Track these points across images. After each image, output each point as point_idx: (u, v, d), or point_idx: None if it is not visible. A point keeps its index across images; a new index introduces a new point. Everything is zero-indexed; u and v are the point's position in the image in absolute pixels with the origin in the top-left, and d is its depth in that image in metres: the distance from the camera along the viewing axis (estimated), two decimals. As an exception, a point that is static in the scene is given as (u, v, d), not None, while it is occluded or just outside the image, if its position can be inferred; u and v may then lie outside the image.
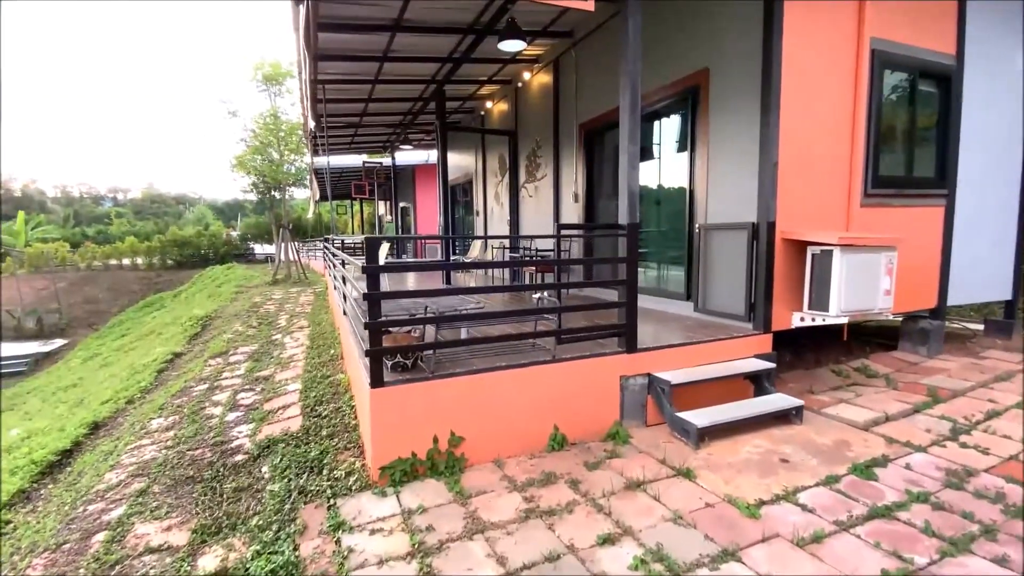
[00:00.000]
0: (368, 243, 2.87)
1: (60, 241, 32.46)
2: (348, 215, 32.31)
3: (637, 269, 3.69)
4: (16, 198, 56.83)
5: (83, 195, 75.94)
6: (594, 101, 6.75)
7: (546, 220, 8.09)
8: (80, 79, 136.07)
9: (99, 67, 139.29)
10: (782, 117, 4.22)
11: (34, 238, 30.83)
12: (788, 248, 4.42)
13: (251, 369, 6.06)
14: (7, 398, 12.44)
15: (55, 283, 25.21)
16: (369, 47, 6.97)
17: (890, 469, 3.25)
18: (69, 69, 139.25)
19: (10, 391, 13.74)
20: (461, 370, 3.26)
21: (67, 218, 49.03)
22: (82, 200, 72.92)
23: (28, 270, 26.79)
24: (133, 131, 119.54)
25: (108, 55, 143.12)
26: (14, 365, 18.48)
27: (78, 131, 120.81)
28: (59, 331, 22.54)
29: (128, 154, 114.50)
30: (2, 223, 29.57)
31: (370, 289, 2.91)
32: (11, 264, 26.25)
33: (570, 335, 3.69)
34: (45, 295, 24.85)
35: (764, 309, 4.37)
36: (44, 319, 22.74)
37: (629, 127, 3.56)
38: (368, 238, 2.88)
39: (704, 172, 5.01)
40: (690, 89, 5.22)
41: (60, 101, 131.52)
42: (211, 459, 3.78)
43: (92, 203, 72.78)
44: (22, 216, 30.73)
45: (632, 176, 3.60)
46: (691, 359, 4.05)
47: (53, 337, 21.98)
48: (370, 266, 2.88)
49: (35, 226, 32.18)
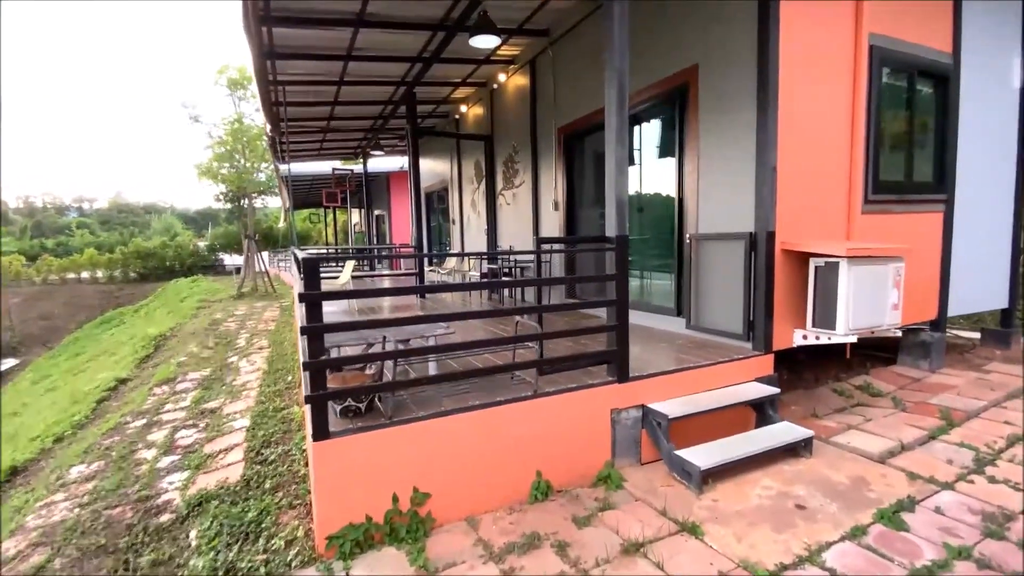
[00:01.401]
0: (306, 265, 2.35)
1: (15, 254, 30.80)
2: (323, 224, 31.39)
3: (628, 287, 3.24)
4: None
5: (46, 205, 73.00)
6: (574, 104, 6.34)
7: (525, 228, 7.64)
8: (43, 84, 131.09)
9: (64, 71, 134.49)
10: (780, 117, 3.84)
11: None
12: (788, 260, 4.04)
13: (198, 400, 5.42)
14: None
15: (7, 299, 23.74)
16: (331, 44, 6.45)
17: (919, 514, 2.85)
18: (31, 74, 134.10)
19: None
20: (426, 413, 2.75)
21: (24, 229, 46.78)
22: (45, 210, 70.07)
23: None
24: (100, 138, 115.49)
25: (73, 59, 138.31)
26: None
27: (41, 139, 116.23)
28: (11, 350, 21.16)
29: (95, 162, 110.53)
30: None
31: (309, 321, 2.39)
32: (-42, 279, 24.72)
33: (554, 365, 3.21)
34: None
35: (765, 327, 3.97)
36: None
37: (617, 127, 3.13)
38: (305, 258, 2.37)
39: (694, 178, 4.61)
40: (677, 89, 4.84)
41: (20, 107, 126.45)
42: (131, 520, 3.18)
43: (56, 214, 69.99)
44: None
45: (620, 183, 3.17)
46: (688, 386, 3.61)
47: (4, 356, 20.61)
48: (308, 293, 2.36)
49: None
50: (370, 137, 12.08)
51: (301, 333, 2.38)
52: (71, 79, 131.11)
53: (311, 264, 2.37)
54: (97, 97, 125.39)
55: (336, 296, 2.57)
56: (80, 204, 77.60)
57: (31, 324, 23.21)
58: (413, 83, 7.77)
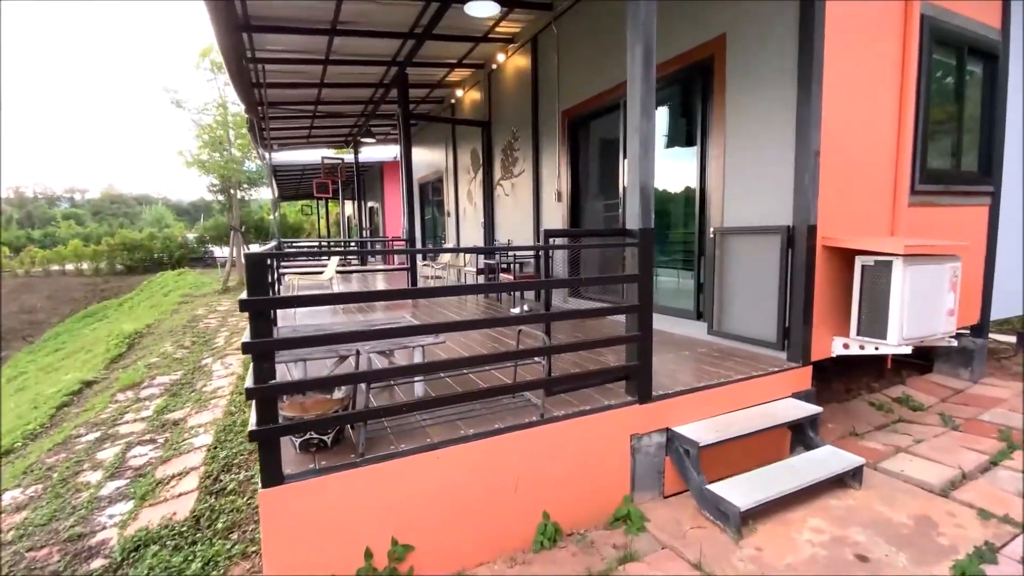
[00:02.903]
0: (250, 264, 1.81)
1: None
2: (316, 216, 30.64)
3: (653, 290, 2.71)
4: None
5: (37, 196, 71.71)
6: (579, 85, 5.78)
7: (525, 220, 7.09)
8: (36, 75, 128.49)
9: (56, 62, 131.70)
10: (825, 93, 3.31)
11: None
12: (829, 258, 3.52)
13: (161, 409, 4.88)
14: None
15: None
16: (313, 16, 5.85)
17: (1004, 566, 2.35)
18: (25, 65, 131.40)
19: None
20: (408, 446, 2.23)
21: (9, 220, 45.76)
22: (36, 201, 68.82)
23: (-42, 277, 24.41)
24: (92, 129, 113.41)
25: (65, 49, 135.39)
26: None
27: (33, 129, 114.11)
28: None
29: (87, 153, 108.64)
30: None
31: (254, 335, 1.85)
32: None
33: (564, 384, 2.68)
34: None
35: (803, 335, 3.46)
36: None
37: (642, 97, 2.58)
38: (250, 255, 1.82)
39: (719, 165, 4.08)
40: (699, 65, 4.29)
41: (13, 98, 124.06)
42: (57, 566, 2.65)
43: (47, 204, 68.77)
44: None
45: (646, 165, 2.63)
46: (717, 404, 3.10)
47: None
48: (253, 300, 1.82)
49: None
50: (361, 124, 11.46)
51: (243, 350, 1.85)
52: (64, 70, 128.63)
53: (256, 262, 1.82)
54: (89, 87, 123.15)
55: (290, 303, 2.02)
56: (72, 195, 76.38)
57: (12, 318, 22.45)
58: (405, 63, 7.19)
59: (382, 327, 2.84)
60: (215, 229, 30.29)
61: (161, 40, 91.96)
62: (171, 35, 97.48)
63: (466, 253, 7.56)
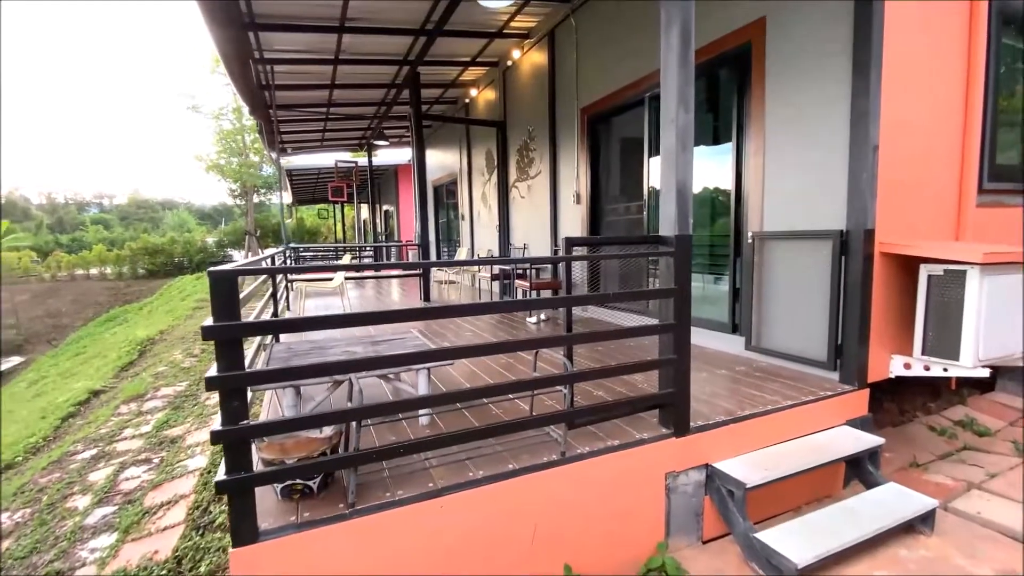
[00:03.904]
0: (214, 284, 1.51)
1: (27, 250, 30.62)
2: (332, 219, 30.72)
3: (690, 306, 2.35)
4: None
5: (68, 201, 73.78)
6: (600, 79, 5.43)
7: (542, 224, 6.75)
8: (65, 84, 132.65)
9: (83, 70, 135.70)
10: (884, 80, 2.91)
11: (4, 246, 29.03)
12: (888, 266, 3.11)
13: (162, 424, 4.65)
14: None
15: (15, 296, 23.47)
16: (319, 13, 5.61)
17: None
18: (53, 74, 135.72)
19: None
20: (407, 493, 1.91)
21: (40, 225, 47.02)
22: (67, 206, 70.81)
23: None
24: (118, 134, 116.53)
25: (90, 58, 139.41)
26: (-42, 387, 16.79)
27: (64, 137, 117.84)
28: (16, 348, 20.85)
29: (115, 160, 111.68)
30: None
31: (222, 367, 1.55)
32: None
33: (589, 416, 2.33)
34: (5, 308, 23.11)
35: (858, 353, 3.05)
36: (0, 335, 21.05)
37: (678, 85, 2.23)
38: (214, 272, 1.53)
39: (759, 163, 3.69)
40: (734, 54, 3.91)
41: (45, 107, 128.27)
42: (25, 612, 2.39)
43: (77, 210, 70.73)
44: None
45: (683, 163, 2.27)
46: (763, 435, 2.72)
47: (10, 354, 20.28)
48: (220, 327, 1.52)
49: (5, 233, 30.38)
50: (374, 127, 11.26)
51: (208, 386, 1.56)
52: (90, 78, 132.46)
53: (221, 281, 1.53)
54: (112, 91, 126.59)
55: (267, 329, 1.72)
56: (100, 200, 78.44)
57: (38, 321, 22.89)
58: (416, 62, 6.91)
59: (382, 351, 2.53)
60: (234, 233, 30.62)
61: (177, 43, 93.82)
62: (187, 38, 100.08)
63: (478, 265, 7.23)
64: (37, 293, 25.19)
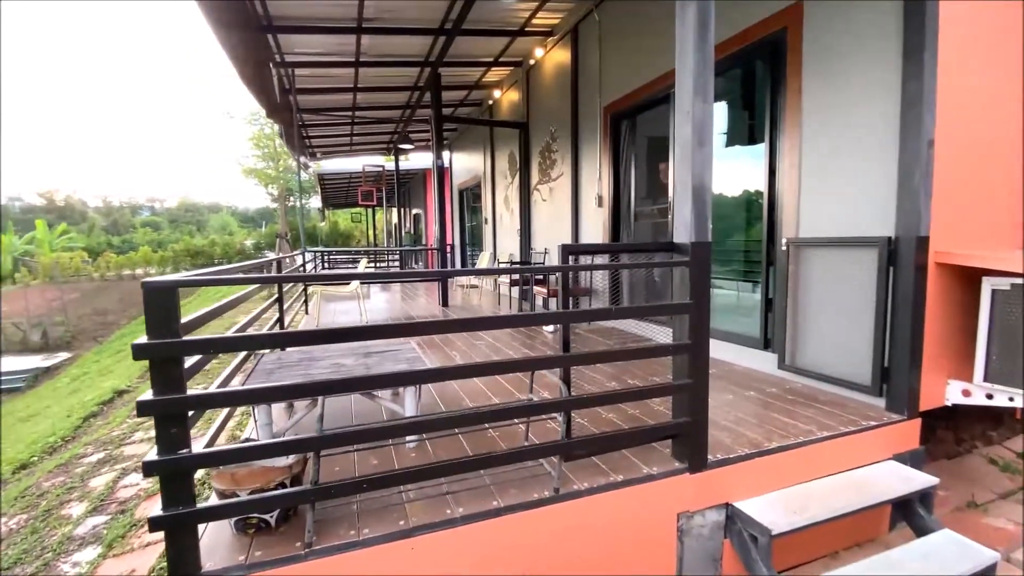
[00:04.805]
0: (148, 296, 1.34)
1: (80, 250, 32.30)
2: (364, 223, 31.24)
3: (708, 322, 2.06)
4: (59, 207, 58.54)
5: (122, 205, 77.74)
6: (624, 76, 5.14)
7: (563, 228, 6.49)
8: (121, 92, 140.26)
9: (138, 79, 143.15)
10: (940, 62, 2.54)
11: (59, 246, 30.74)
12: (944, 278, 2.72)
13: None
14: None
15: (65, 294, 24.70)
16: (337, 14, 5.53)
17: None
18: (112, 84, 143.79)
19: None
20: (375, 532, 1.69)
21: (92, 227, 49.62)
22: (120, 210, 74.63)
23: (43, 280, 26.45)
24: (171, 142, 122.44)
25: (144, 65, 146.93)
26: (12, 381, 17.72)
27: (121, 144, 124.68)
28: (64, 344, 21.89)
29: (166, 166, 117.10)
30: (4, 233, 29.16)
31: (157, 392, 1.38)
32: (26, 274, 26.01)
33: (588, 447, 2.06)
34: (56, 306, 24.35)
35: (909, 377, 2.67)
36: (50, 331, 22.14)
37: (694, 70, 1.95)
38: (148, 283, 1.35)
39: (793, 162, 3.34)
40: (766, 43, 3.56)
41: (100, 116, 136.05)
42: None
43: (130, 213, 74.42)
44: (41, 224, 30.73)
45: (700, 159, 1.99)
46: (794, 470, 2.38)
47: (58, 350, 21.30)
48: (154, 344, 1.35)
49: (61, 234, 32.16)
50: (400, 131, 11.24)
51: (139, 411, 1.38)
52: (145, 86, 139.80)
53: (156, 293, 1.35)
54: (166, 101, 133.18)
55: (204, 348, 1.53)
56: (152, 204, 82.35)
57: (86, 319, 23.99)
58: (437, 63, 6.77)
59: (373, 364, 2.34)
60: (271, 236, 31.44)
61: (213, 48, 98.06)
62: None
63: (482, 275, 7.02)
64: (86, 292, 26.44)
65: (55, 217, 45.77)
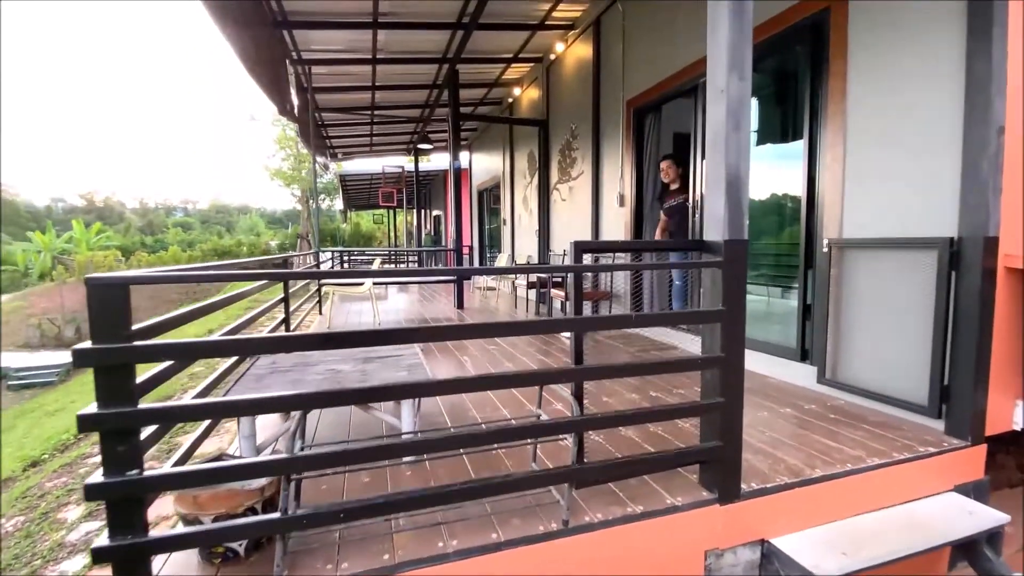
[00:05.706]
0: (92, 291, 1.16)
1: (113, 250, 33.31)
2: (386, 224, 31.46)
3: (744, 333, 1.79)
4: (99, 208, 60.97)
5: (158, 206, 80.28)
6: (648, 69, 4.87)
7: (583, 229, 6.24)
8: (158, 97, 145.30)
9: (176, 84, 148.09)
10: (1011, 36, 2.23)
11: (96, 245, 31.80)
12: (1014, 285, 2.39)
13: (177, 429, 4.52)
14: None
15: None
16: (351, 10, 5.41)
17: None
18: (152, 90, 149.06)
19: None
20: (353, 568, 1.48)
21: (127, 227, 51.25)
22: (156, 211, 77.06)
23: (78, 277, 27.32)
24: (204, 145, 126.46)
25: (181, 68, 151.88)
26: (46, 375, 18.28)
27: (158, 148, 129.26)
28: (97, 340, 22.51)
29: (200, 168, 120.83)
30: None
31: (101, 405, 1.20)
32: (62, 272, 26.90)
33: (603, 474, 1.82)
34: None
35: (973, 397, 2.35)
36: (82, 328, 22.82)
37: (730, 41, 1.70)
38: (92, 279, 1.18)
39: (837, 155, 3.02)
40: (805, 27, 3.26)
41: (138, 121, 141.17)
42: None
43: (165, 214, 76.77)
44: (78, 224, 31.80)
45: (736, 146, 1.73)
46: (840, 502, 2.09)
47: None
48: (98, 349, 1.17)
49: (97, 233, 33.27)
50: (419, 131, 11.13)
51: (81, 427, 1.21)
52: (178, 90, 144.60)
53: (102, 289, 1.17)
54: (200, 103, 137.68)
55: (155, 354, 1.35)
56: (186, 205, 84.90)
57: (118, 315, 24.69)
58: (455, 59, 6.60)
59: (371, 370, 2.15)
60: (295, 237, 31.93)
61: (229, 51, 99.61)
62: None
63: (489, 275, 6.79)
64: (119, 290, 27.23)
65: (94, 217, 47.47)
